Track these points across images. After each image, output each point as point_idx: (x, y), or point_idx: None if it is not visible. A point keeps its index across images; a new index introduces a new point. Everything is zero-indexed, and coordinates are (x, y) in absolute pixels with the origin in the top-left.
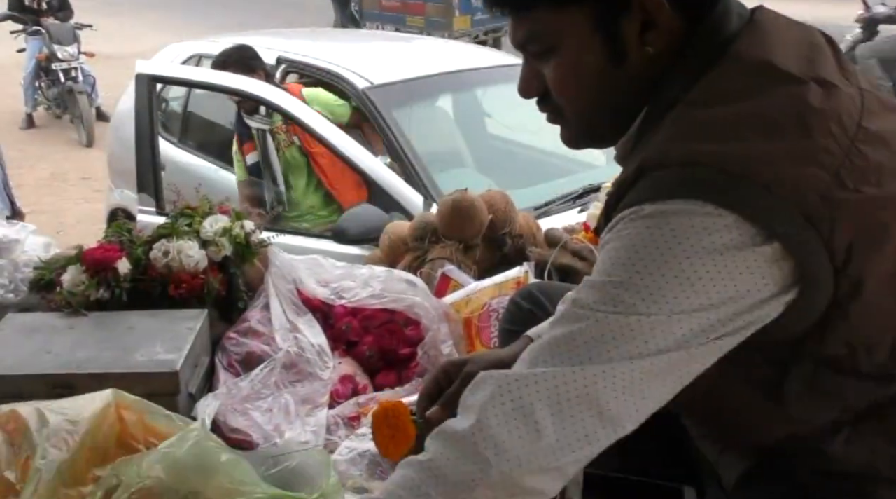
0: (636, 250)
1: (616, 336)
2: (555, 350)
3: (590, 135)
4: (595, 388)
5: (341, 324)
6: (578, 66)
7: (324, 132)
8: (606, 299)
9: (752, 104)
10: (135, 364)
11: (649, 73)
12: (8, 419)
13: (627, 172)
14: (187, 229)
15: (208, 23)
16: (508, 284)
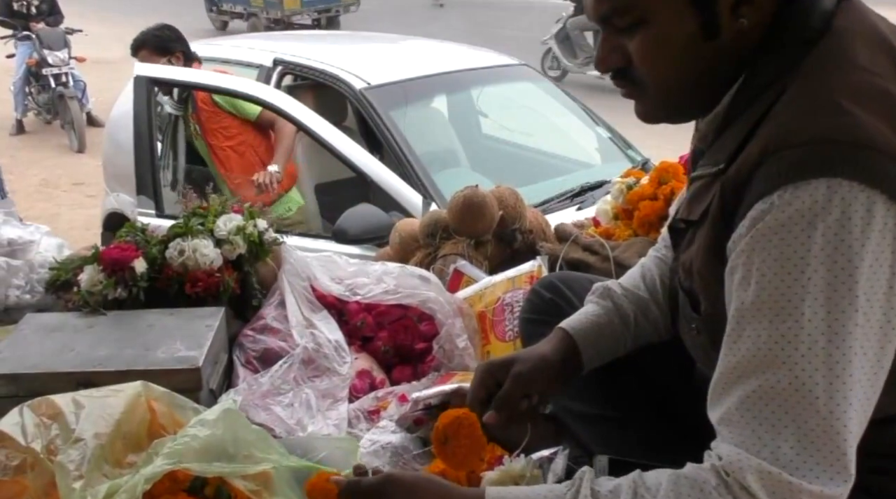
0: (796, 264)
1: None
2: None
3: (669, 108)
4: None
5: (356, 320)
6: (669, 38)
7: (323, 132)
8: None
9: (874, 76)
10: (157, 361)
11: (738, 48)
12: (42, 405)
13: (747, 154)
14: (201, 229)
15: (196, 26)
16: (522, 278)
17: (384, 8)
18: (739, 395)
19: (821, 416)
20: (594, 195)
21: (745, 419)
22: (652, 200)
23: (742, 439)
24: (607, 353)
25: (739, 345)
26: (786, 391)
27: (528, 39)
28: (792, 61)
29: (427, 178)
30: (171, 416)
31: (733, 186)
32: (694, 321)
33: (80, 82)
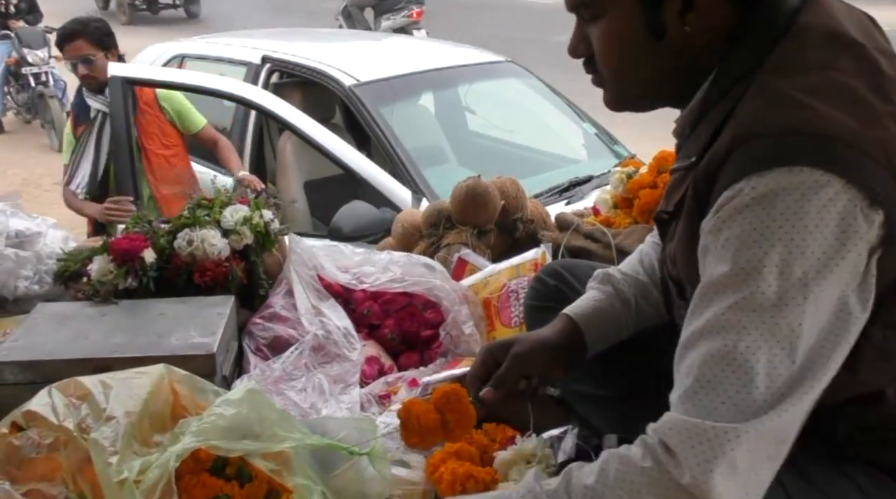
0: (755, 240)
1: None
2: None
3: (626, 101)
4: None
5: (362, 308)
6: (620, 36)
7: (311, 132)
8: (746, 302)
9: (832, 72)
10: (171, 348)
11: (691, 51)
12: (70, 386)
13: (716, 147)
14: (208, 219)
15: (177, 25)
16: (526, 265)
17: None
18: (691, 358)
19: (758, 383)
20: (582, 190)
21: (689, 382)
22: (651, 188)
23: (680, 403)
24: (610, 336)
25: (700, 315)
26: (731, 354)
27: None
28: (758, 57)
29: (418, 173)
30: (193, 398)
31: (704, 178)
32: (682, 308)
33: (61, 81)
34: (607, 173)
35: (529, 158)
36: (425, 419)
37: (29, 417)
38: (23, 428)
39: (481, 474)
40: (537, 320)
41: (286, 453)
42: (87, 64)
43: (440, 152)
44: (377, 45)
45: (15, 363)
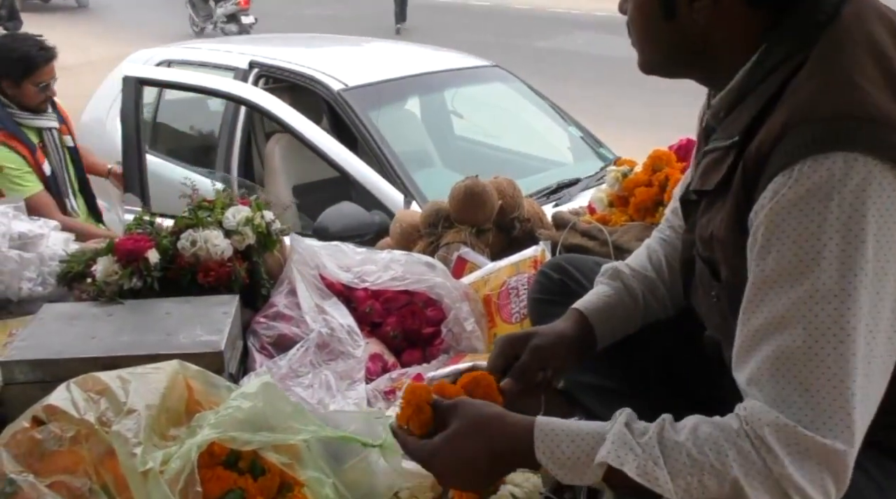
0: (813, 232)
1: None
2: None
3: (650, 67)
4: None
5: (364, 307)
6: (641, 7)
7: (310, 135)
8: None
9: (884, 58)
10: (179, 346)
11: (703, 36)
12: (88, 382)
13: (768, 128)
14: (210, 220)
15: (158, 32)
16: (526, 262)
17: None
18: (761, 356)
19: (829, 374)
20: (570, 192)
21: (766, 378)
22: (647, 186)
23: (763, 396)
24: (619, 330)
25: (761, 309)
26: (800, 350)
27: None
28: (804, 42)
29: (407, 177)
30: (206, 393)
31: (755, 159)
32: (714, 288)
33: None
34: (594, 175)
35: (516, 161)
36: None
37: (49, 411)
38: (43, 422)
39: None
40: (542, 313)
41: (298, 446)
42: (53, 83)
43: (426, 156)
44: (363, 50)
45: (25, 362)
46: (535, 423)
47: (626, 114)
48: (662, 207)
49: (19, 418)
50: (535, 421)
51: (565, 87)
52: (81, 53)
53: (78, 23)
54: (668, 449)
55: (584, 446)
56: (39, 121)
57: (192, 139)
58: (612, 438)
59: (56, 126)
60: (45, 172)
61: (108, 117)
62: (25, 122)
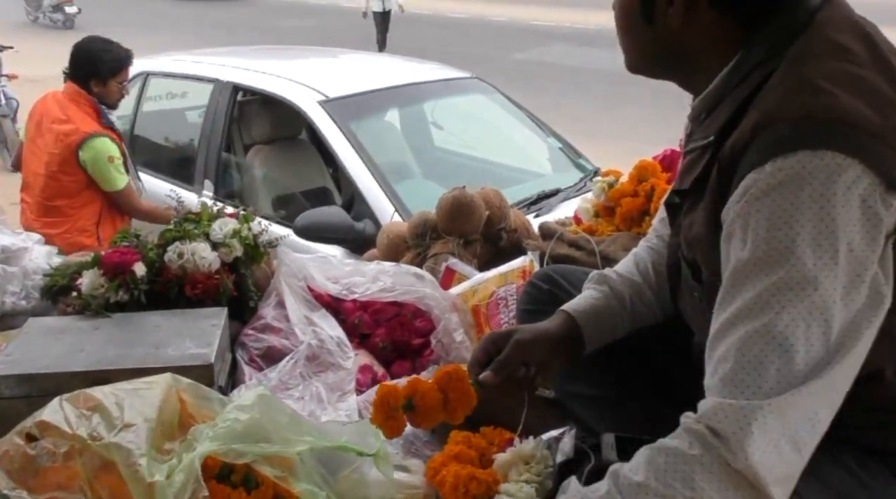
0: (786, 221)
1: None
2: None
3: (633, 67)
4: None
5: (353, 318)
6: (623, 12)
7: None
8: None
9: (851, 63)
10: (169, 359)
11: (679, 42)
12: (80, 398)
13: (741, 130)
14: (197, 232)
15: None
16: (514, 273)
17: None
18: (728, 342)
19: (798, 359)
20: (550, 203)
21: (729, 365)
22: (633, 196)
23: (723, 386)
24: (607, 333)
25: (735, 299)
26: (770, 333)
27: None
28: (778, 48)
29: (389, 188)
30: (198, 407)
31: (729, 159)
32: (696, 290)
33: (13, 100)
34: (573, 186)
35: (495, 172)
36: (429, 398)
37: (42, 427)
38: (36, 438)
39: (483, 476)
40: (531, 324)
41: (291, 458)
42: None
43: (406, 167)
44: (342, 62)
45: (11, 377)
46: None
47: (601, 125)
48: (649, 218)
49: (10, 434)
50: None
51: (542, 98)
52: (55, 65)
53: (60, 39)
54: (632, 495)
55: None
56: (114, 115)
57: (170, 151)
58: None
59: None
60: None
61: None
62: (110, 117)
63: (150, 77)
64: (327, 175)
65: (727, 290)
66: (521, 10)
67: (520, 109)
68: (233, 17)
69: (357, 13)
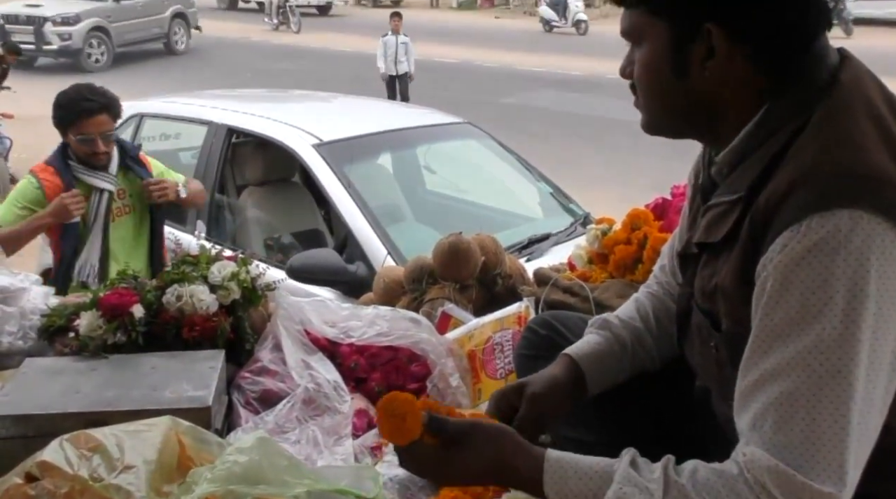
0: (821, 285)
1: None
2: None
3: (655, 126)
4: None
5: (349, 362)
6: (651, 67)
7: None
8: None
9: (879, 119)
10: (166, 401)
11: (712, 96)
12: (81, 438)
13: (775, 185)
14: (195, 275)
15: (128, 85)
16: (510, 318)
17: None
18: (764, 401)
19: (829, 422)
20: (541, 247)
21: (768, 423)
22: (626, 244)
23: (763, 441)
24: (609, 378)
25: (767, 357)
26: (803, 397)
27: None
28: (805, 105)
29: (382, 231)
30: (197, 449)
31: (763, 213)
32: (714, 339)
33: (6, 139)
34: (564, 231)
35: (487, 216)
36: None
37: (42, 467)
38: (37, 478)
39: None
40: (529, 369)
41: None
42: (107, 140)
43: (398, 210)
44: (335, 106)
45: (7, 417)
46: (546, 454)
47: (590, 170)
48: (642, 265)
49: (10, 474)
50: (546, 452)
51: (531, 143)
52: (45, 106)
53: (61, 79)
54: (670, 488)
55: (591, 485)
56: (92, 178)
57: None
58: (619, 478)
59: (109, 189)
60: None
61: None
62: (80, 175)
63: (144, 118)
64: (320, 217)
65: (761, 344)
66: (508, 55)
67: (510, 154)
68: (226, 59)
69: (344, 57)
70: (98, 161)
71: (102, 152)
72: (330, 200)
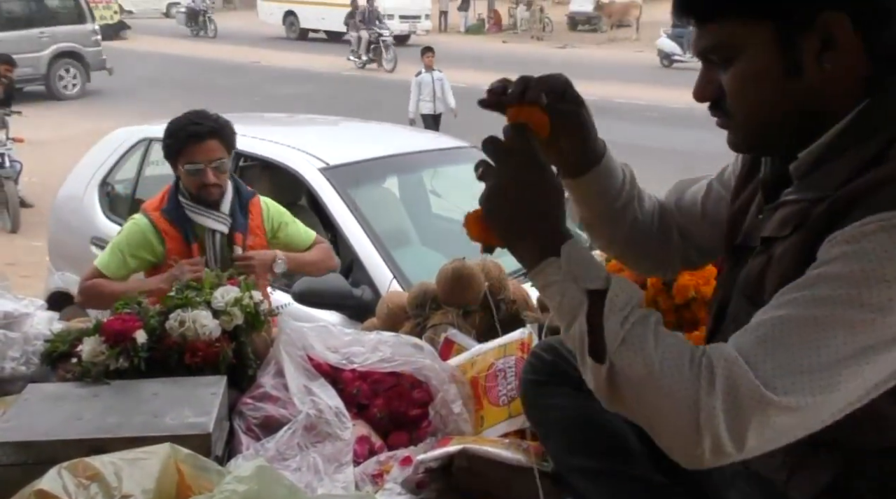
0: (888, 258)
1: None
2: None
3: (756, 141)
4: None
5: (351, 388)
6: (757, 75)
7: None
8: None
9: None
10: (167, 427)
11: (825, 91)
12: (79, 467)
13: (865, 179)
14: (199, 300)
15: (136, 108)
16: (513, 345)
17: None
18: (761, 317)
19: (811, 359)
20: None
21: (753, 334)
22: (621, 269)
23: (736, 342)
24: (613, 172)
25: (802, 288)
26: (802, 331)
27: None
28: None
29: (388, 255)
30: (197, 477)
31: (845, 203)
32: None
33: (17, 163)
34: None
35: None
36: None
37: (40, 496)
38: None
39: None
40: (535, 394)
41: None
42: (219, 171)
43: (404, 234)
44: (341, 130)
45: (8, 444)
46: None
47: None
48: (644, 290)
49: None
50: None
51: None
52: (55, 131)
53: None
54: (638, 324)
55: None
56: (203, 217)
57: None
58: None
59: (221, 230)
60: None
61: (86, 193)
62: (192, 214)
63: (152, 143)
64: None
65: (800, 281)
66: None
67: None
68: (233, 82)
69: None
70: (209, 195)
71: (213, 184)
72: (336, 224)
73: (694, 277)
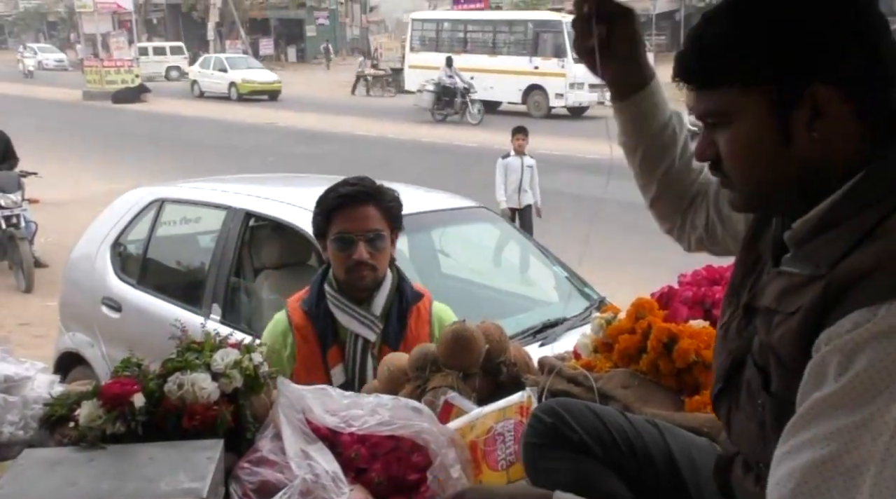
0: (887, 370)
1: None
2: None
3: (756, 202)
4: None
5: (350, 452)
6: (749, 141)
7: None
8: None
9: None
10: (161, 493)
11: (820, 159)
12: None
13: (858, 260)
14: (198, 363)
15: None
16: (512, 408)
17: None
18: (793, 464)
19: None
20: (556, 332)
21: (790, 483)
22: (630, 333)
23: (779, 496)
24: (662, 103)
25: (811, 428)
26: (832, 470)
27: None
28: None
29: None
30: None
31: (838, 287)
32: (761, 397)
33: (31, 224)
34: (579, 315)
35: (502, 300)
36: None
37: None
38: None
39: None
40: (535, 457)
41: None
42: (374, 249)
43: None
44: None
45: None
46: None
47: (608, 251)
48: (645, 354)
49: None
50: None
51: (547, 225)
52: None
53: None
54: None
55: None
56: (347, 316)
57: (181, 275)
58: None
59: (366, 337)
60: (333, 378)
61: (98, 253)
62: (335, 310)
63: (165, 203)
64: None
65: (805, 413)
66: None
67: (526, 238)
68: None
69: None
70: (360, 280)
71: (365, 264)
72: None
73: (695, 340)
